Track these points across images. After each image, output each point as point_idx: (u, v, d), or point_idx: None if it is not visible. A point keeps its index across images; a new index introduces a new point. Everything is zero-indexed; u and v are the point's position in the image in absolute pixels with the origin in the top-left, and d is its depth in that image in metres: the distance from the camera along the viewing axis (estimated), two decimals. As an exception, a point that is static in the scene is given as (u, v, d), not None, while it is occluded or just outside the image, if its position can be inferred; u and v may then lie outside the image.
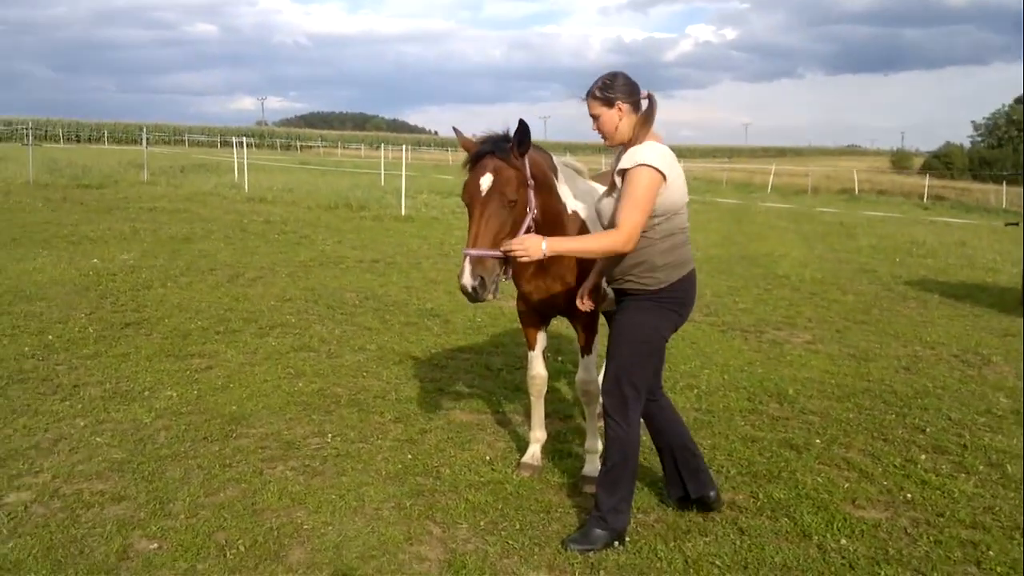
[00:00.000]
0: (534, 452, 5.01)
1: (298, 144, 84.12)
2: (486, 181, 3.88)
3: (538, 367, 4.93)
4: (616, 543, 3.99)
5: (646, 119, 3.96)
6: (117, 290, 9.41)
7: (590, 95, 3.98)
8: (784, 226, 23.47)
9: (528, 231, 4.04)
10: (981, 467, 5.19)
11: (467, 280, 3.79)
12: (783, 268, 14.39)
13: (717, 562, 3.87)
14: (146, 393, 6.09)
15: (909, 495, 4.69)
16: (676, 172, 3.89)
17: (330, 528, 4.11)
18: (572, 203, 4.52)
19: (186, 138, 77.05)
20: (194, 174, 30.27)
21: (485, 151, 3.97)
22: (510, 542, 4.01)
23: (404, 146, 26.54)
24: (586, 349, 4.73)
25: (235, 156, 29.42)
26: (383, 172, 30.69)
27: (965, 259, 17.60)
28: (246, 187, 23.83)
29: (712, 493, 4.30)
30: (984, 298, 12.35)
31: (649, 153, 3.80)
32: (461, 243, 14.69)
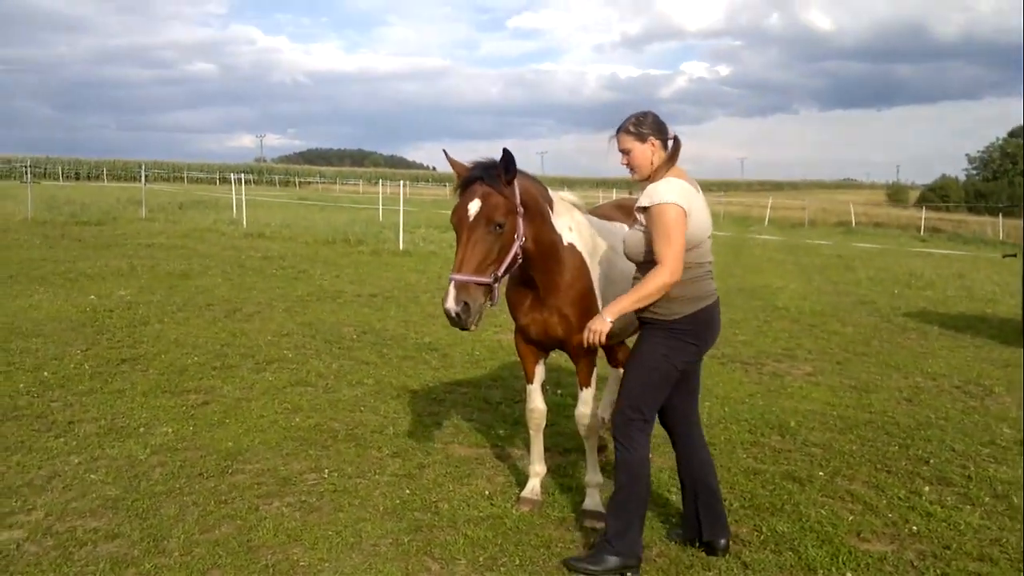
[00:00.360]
0: (534, 486, 4.94)
1: (296, 180, 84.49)
2: (474, 206, 3.93)
3: (536, 400, 4.88)
4: (627, 571, 3.95)
5: (671, 157, 4.06)
6: (114, 326, 9.37)
7: (623, 131, 4.09)
8: (782, 258, 23.50)
9: (515, 260, 4.10)
10: (986, 498, 5.13)
11: (451, 305, 3.81)
12: (782, 300, 14.38)
13: (722, 598, 3.80)
14: (141, 429, 6.02)
15: (915, 527, 4.63)
16: (696, 206, 3.95)
17: (327, 565, 4.04)
18: (568, 235, 4.52)
19: (185, 175, 77.43)
20: (193, 210, 30.31)
21: (475, 176, 4.02)
22: (510, 578, 3.94)
23: (401, 182, 26.57)
24: (585, 383, 4.70)
25: (233, 193, 29.49)
26: (381, 207, 30.80)
27: (964, 291, 17.60)
28: (244, 223, 23.85)
29: (723, 541, 4.24)
30: (984, 329, 12.33)
31: (666, 190, 3.88)
32: (459, 277, 14.71)
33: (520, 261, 4.20)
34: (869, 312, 13.66)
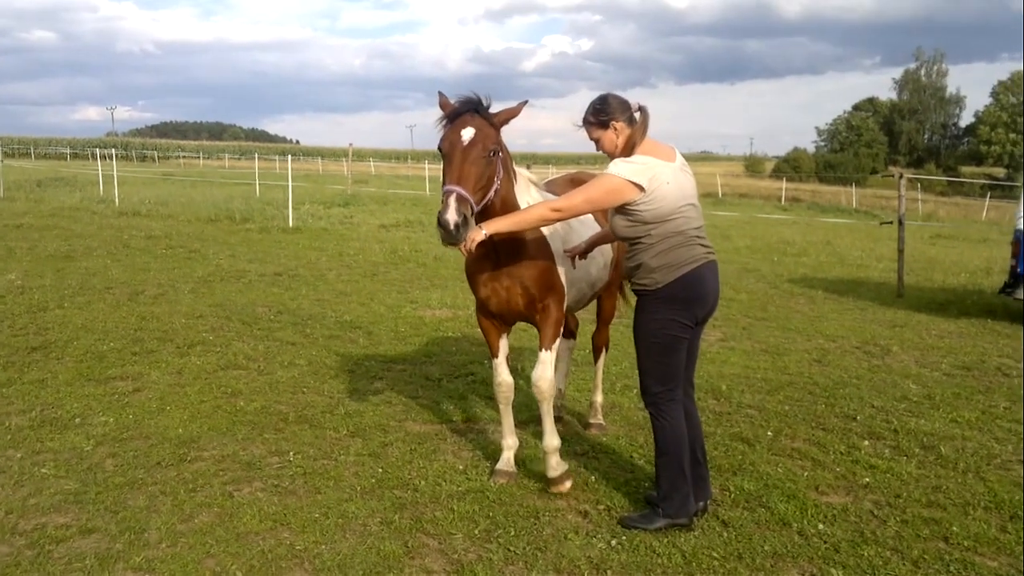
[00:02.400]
0: (508, 459, 5.00)
1: (156, 155, 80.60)
2: (468, 132, 4.06)
3: (503, 374, 4.93)
4: (680, 526, 4.22)
5: (638, 131, 4.18)
6: (11, 312, 8.83)
7: (585, 122, 4.26)
8: (663, 229, 24.21)
9: (490, 200, 4.19)
10: (917, 450, 5.56)
11: (451, 215, 3.83)
12: (675, 270, 14.85)
13: (713, 554, 4.00)
14: (77, 420, 5.75)
15: (864, 480, 4.98)
16: (664, 180, 4.04)
17: (324, 548, 4.01)
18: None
19: (31, 151, 72.67)
20: (53, 189, 28.56)
21: (469, 107, 4.15)
22: (510, 548, 4.02)
23: (288, 156, 25.88)
24: (545, 345, 4.70)
25: (99, 169, 27.96)
26: (257, 183, 29.90)
27: (835, 257, 18.69)
28: (116, 201, 22.69)
29: (703, 503, 4.43)
30: (863, 292, 13.17)
31: (628, 167, 4.04)
32: (360, 255, 14.55)
33: (489, 203, 4.21)
34: (756, 279, 14.33)
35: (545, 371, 4.73)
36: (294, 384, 6.73)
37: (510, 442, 5.04)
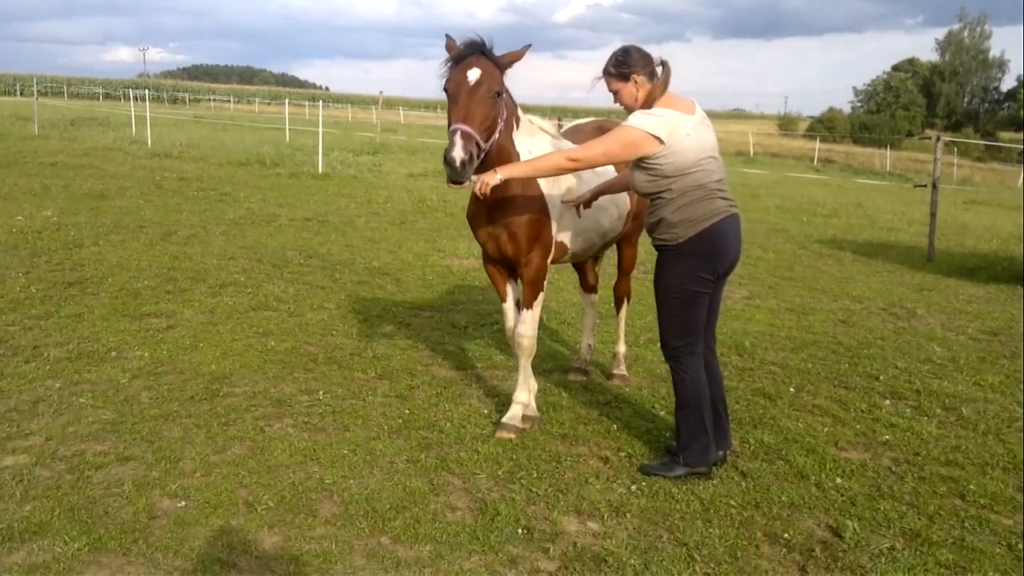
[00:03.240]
0: (531, 404, 5.07)
1: (187, 97, 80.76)
2: (474, 73, 4.12)
3: (512, 319, 5.04)
4: (699, 475, 4.30)
5: (660, 86, 4.17)
6: (48, 248, 9.00)
7: (605, 73, 4.24)
8: (692, 187, 24.06)
9: (493, 141, 4.25)
10: (938, 410, 5.60)
11: (458, 152, 3.91)
12: (703, 227, 14.79)
13: (731, 502, 4.09)
14: (113, 354, 5.91)
15: (884, 438, 5.03)
16: (684, 133, 4.05)
17: (352, 482, 4.13)
18: (525, 156, 4.62)
19: (65, 90, 72.94)
20: (86, 128, 28.80)
21: (475, 50, 4.20)
22: (532, 490, 4.13)
23: (320, 102, 25.89)
24: (527, 303, 4.81)
25: (132, 110, 28.13)
26: (288, 128, 29.97)
27: (865, 219, 18.52)
28: (149, 142, 22.86)
29: (722, 453, 4.50)
30: (893, 255, 13.08)
31: (648, 119, 4.05)
32: (389, 203, 14.63)
33: (491, 146, 4.27)
34: (785, 239, 14.25)
35: (527, 328, 4.85)
36: (323, 326, 6.85)
37: (530, 383, 5.09)
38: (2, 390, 5.13)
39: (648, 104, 4.13)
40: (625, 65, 4.14)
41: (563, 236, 4.88)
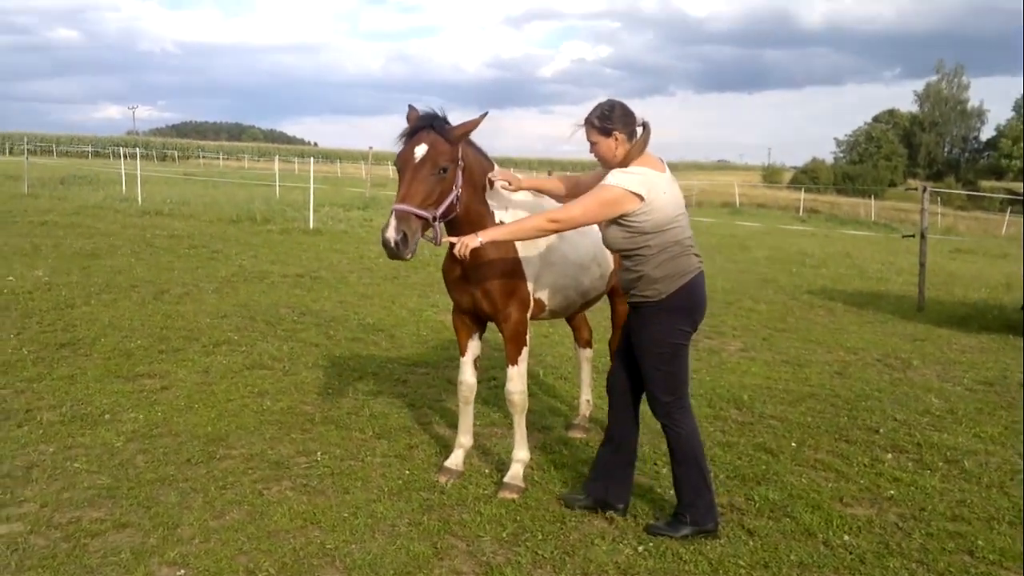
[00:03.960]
0: (458, 457, 5.09)
1: (176, 154, 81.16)
2: (420, 150, 4.17)
3: (467, 374, 5.05)
4: (707, 533, 4.28)
5: (639, 145, 4.23)
6: (39, 309, 8.94)
7: (588, 123, 4.26)
8: (681, 238, 24.20)
9: (451, 208, 4.33)
10: (940, 464, 5.57)
11: (391, 234, 3.98)
12: (694, 279, 14.82)
13: (740, 563, 4.03)
14: (107, 416, 5.83)
15: (889, 493, 4.99)
16: (661, 191, 4.12)
17: (354, 547, 4.06)
18: (501, 214, 4.71)
19: (54, 148, 73.31)
20: (76, 186, 28.86)
21: (423, 125, 4.25)
22: (538, 552, 4.07)
23: (310, 159, 26.03)
24: (512, 360, 4.83)
25: (123, 168, 28.21)
26: (278, 184, 30.09)
27: (854, 269, 18.65)
28: (139, 200, 22.88)
29: (621, 506, 4.55)
30: (883, 305, 13.14)
31: (627, 177, 4.09)
32: (380, 259, 14.64)
33: (454, 213, 4.37)
34: (775, 291, 14.31)
35: (515, 385, 4.86)
36: (319, 385, 6.80)
37: (463, 440, 5.13)
38: (-6, 455, 5.05)
39: (625, 162, 4.18)
40: (608, 120, 4.18)
41: (541, 294, 4.90)
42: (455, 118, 4.38)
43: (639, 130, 4.24)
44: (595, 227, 5.18)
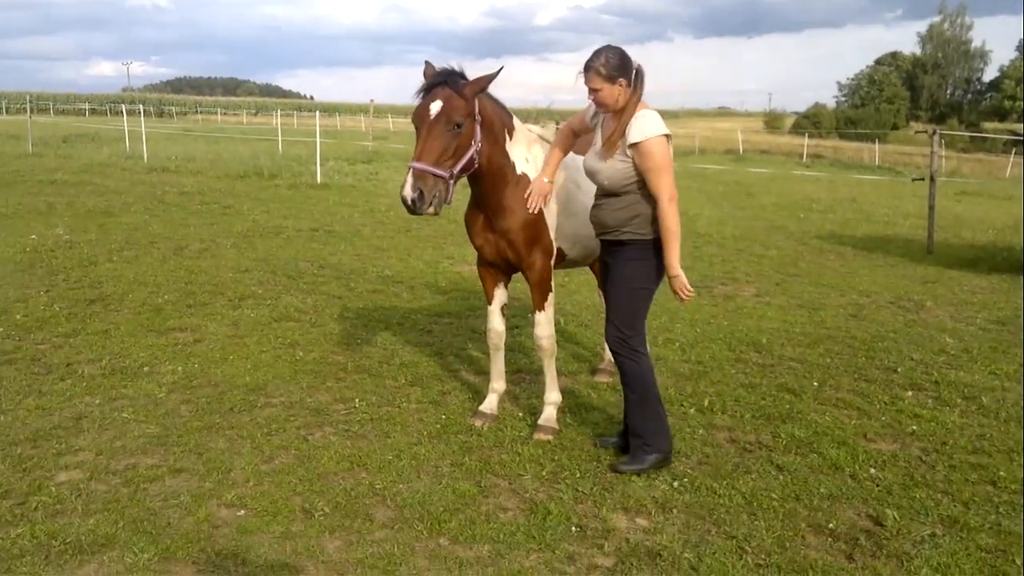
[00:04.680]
0: (492, 401, 5.26)
1: (173, 111, 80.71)
2: (435, 106, 4.24)
3: (494, 322, 5.19)
4: (664, 461, 4.48)
5: (641, 90, 4.24)
6: (64, 267, 9.07)
7: (593, 71, 4.20)
8: (686, 185, 24.18)
9: (471, 163, 4.42)
10: (959, 400, 5.74)
11: (408, 192, 4.11)
12: (702, 226, 14.97)
13: (772, 495, 4.20)
14: (146, 368, 5.99)
15: (912, 428, 5.16)
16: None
17: (402, 487, 4.23)
18: (522, 165, 4.80)
19: (50, 106, 72.80)
20: (79, 144, 28.80)
21: (438, 81, 4.33)
22: (579, 489, 4.24)
23: (316, 112, 25.93)
24: (539, 306, 4.96)
25: (125, 125, 28.14)
26: (280, 139, 30.02)
27: (861, 214, 18.73)
28: (145, 157, 22.89)
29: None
30: (892, 249, 13.27)
31: (655, 123, 4.17)
32: (392, 211, 14.73)
33: (475, 167, 4.48)
34: (784, 236, 14.43)
35: (544, 330, 4.99)
36: (347, 336, 6.95)
37: (496, 386, 5.29)
38: (43, 407, 5.21)
39: (628, 108, 4.22)
40: (615, 68, 4.15)
41: (562, 242, 5.00)
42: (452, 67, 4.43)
43: (634, 76, 4.23)
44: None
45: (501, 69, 4.41)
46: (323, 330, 7.10)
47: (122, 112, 30.19)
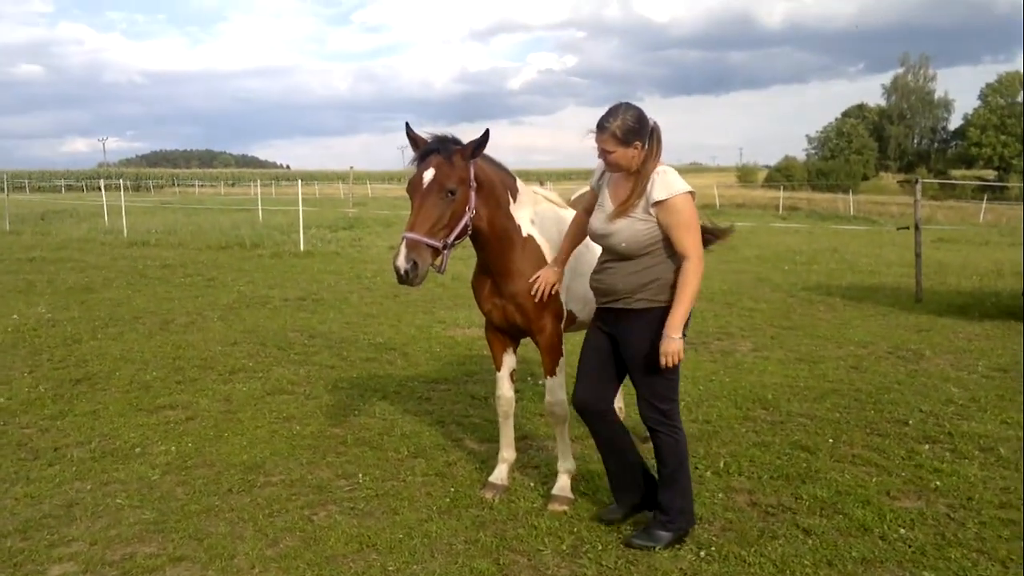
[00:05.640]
0: (502, 472, 5.08)
1: (150, 184, 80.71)
2: (428, 174, 4.17)
3: (504, 388, 5.03)
4: (678, 541, 4.23)
5: (658, 148, 4.08)
6: (48, 345, 8.84)
7: (608, 133, 4.00)
8: (669, 242, 24.30)
9: (464, 230, 4.33)
10: (976, 452, 5.61)
11: (401, 262, 4.02)
12: (690, 282, 14.86)
13: (804, 562, 4.03)
14: (137, 450, 5.77)
15: (935, 484, 5.02)
16: None
17: (416, 568, 4.03)
18: (528, 227, 4.70)
19: (25, 184, 72.65)
20: (57, 221, 28.60)
21: (431, 149, 4.25)
22: (602, 563, 4.05)
23: (299, 181, 25.93)
24: (549, 371, 4.81)
25: (104, 200, 27.99)
26: (260, 208, 29.96)
27: (844, 264, 18.80)
28: (124, 231, 22.69)
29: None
30: (881, 298, 13.26)
31: (679, 180, 4.01)
32: (378, 277, 14.60)
33: (469, 234, 4.40)
34: (772, 288, 14.40)
35: (555, 396, 4.84)
36: (344, 407, 6.75)
37: (506, 455, 5.11)
38: (32, 495, 4.97)
39: (646, 167, 4.04)
40: (631, 132, 3.97)
41: (572, 305, 4.88)
42: (425, 133, 4.34)
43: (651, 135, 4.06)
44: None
45: (487, 131, 4.28)
46: (318, 402, 6.91)
47: (99, 187, 30.04)
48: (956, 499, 4.80)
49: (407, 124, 4.40)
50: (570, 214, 4.99)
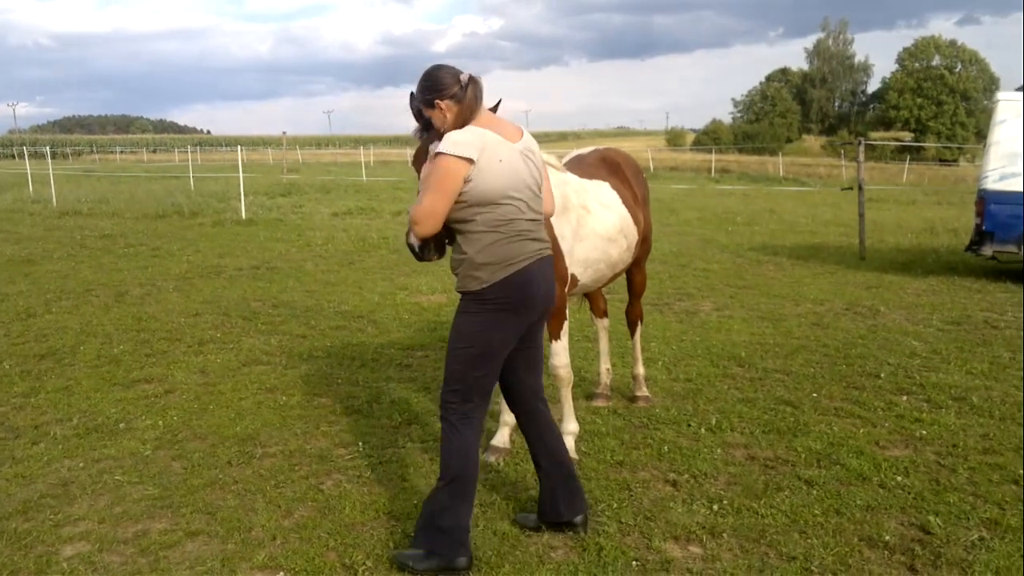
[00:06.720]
0: (503, 435, 5.17)
1: (68, 152, 77.73)
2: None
3: None
4: (456, 570, 3.67)
5: (470, 105, 3.66)
6: (2, 320, 8.53)
7: (413, 100, 3.81)
8: (610, 205, 24.51)
9: None
10: (950, 402, 5.87)
11: (413, 241, 3.86)
12: (639, 244, 15.07)
13: (814, 511, 4.18)
14: (121, 426, 5.63)
15: (920, 433, 5.24)
16: (496, 158, 3.55)
17: (438, 532, 4.04)
18: None
19: (-68, 152, 69.21)
20: (-25, 191, 27.43)
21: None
22: (621, 520, 4.13)
23: (239, 147, 25.28)
24: (554, 335, 4.88)
25: (28, 168, 26.91)
26: (192, 176, 29.20)
27: (784, 224, 19.27)
28: (53, 201, 21.89)
29: (581, 517, 3.99)
30: (826, 257, 13.67)
31: (452, 139, 3.53)
32: (329, 244, 14.44)
33: None
34: (719, 249, 14.69)
35: (560, 359, 4.92)
36: (325, 377, 6.70)
37: (506, 418, 5.15)
38: (23, 475, 4.82)
39: (460, 125, 3.64)
40: (427, 91, 3.67)
41: (575, 268, 4.93)
42: (351, 97, 4.25)
43: (461, 91, 3.64)
44: (618, 198, 5.31)
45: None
46: (298, 372, 6.83)
47: (17, 155, 28.86)
48: (942, 447, 5.02)
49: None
50: (568, 176, 5.03)
